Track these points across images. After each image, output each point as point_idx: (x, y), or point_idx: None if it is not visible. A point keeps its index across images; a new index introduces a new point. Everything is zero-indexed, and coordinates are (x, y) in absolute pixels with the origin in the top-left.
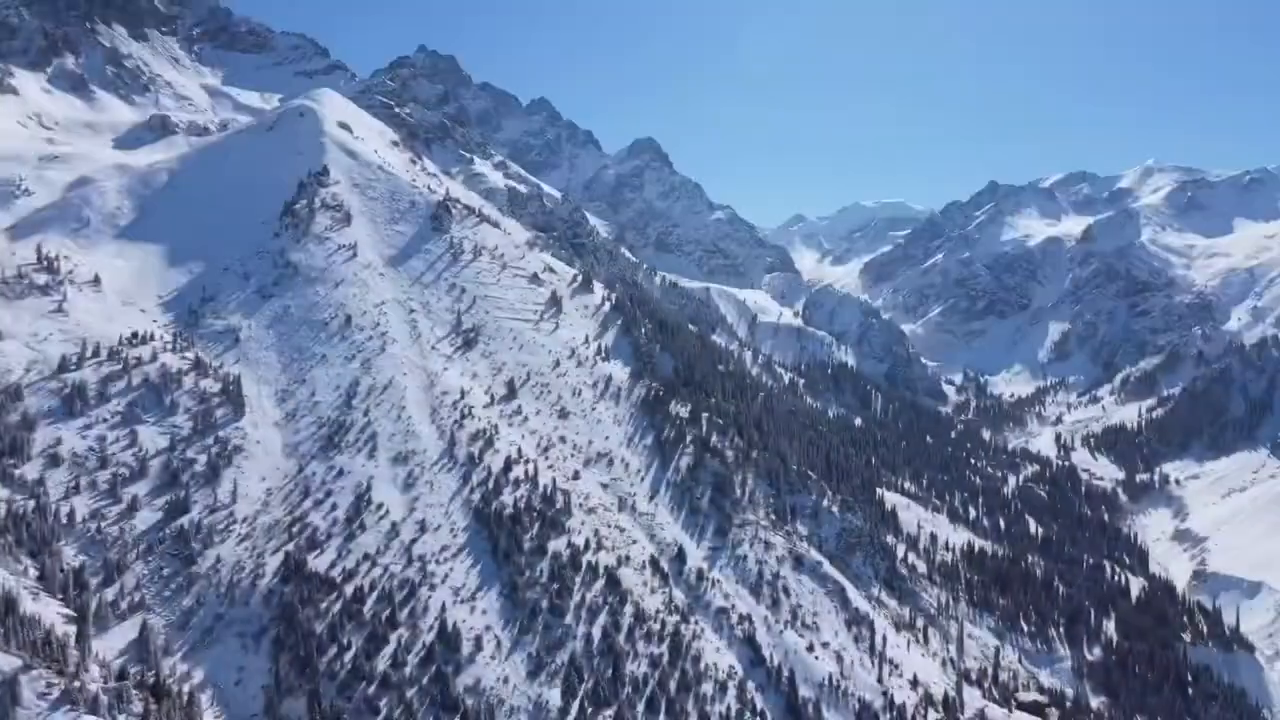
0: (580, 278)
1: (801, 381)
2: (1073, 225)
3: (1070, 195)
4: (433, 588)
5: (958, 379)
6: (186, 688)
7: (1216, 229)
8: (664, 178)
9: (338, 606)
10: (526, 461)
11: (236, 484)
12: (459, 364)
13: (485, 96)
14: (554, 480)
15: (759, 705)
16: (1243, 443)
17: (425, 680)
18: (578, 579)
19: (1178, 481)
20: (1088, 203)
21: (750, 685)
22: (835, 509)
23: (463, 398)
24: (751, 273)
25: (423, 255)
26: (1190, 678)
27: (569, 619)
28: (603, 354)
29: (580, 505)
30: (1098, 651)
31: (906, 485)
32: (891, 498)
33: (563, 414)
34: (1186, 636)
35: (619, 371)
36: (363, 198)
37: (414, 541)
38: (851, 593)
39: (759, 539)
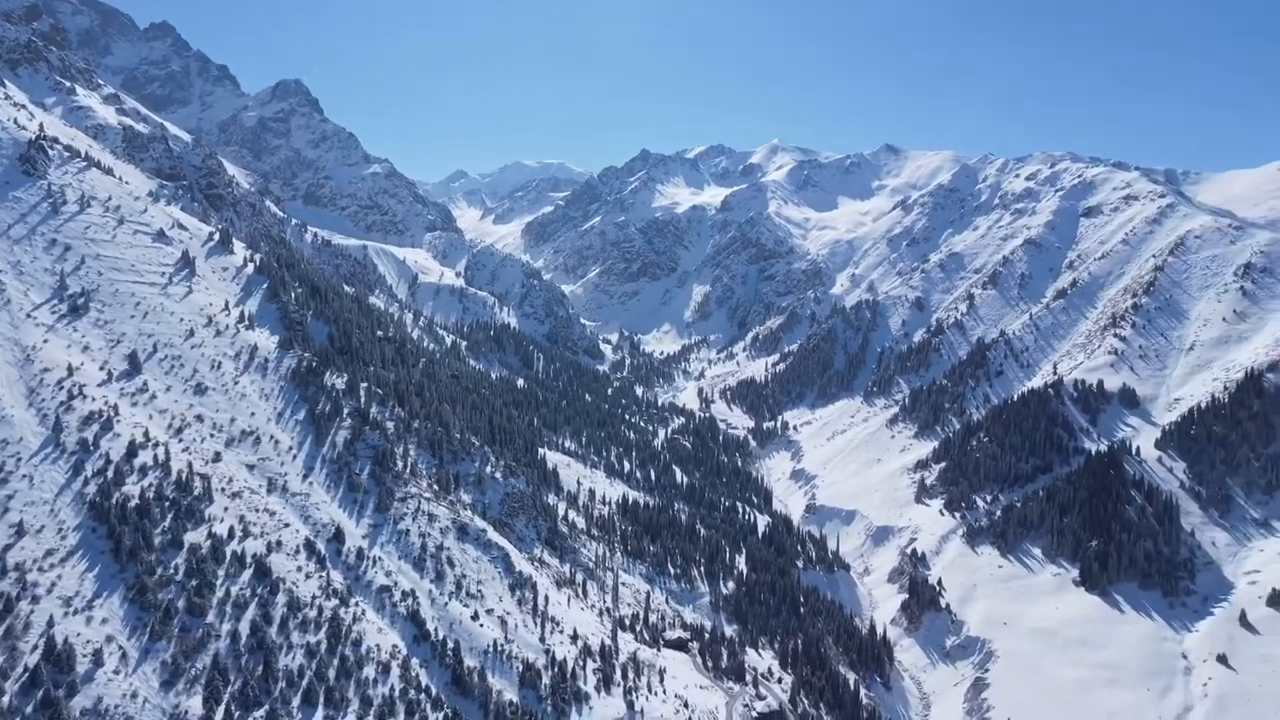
0: (217, 235)
1: (464, 344)
2: (714, 195)
3: (711, 167)
4: (35, 600)
5: (614, 338)
6: None
7: (826, 204)
8: (314, 125)
9: None
10: (155, 445)
11: None
12: (64, 335)
13: (90, 12)
14: (190, 464)
15: (424, 681)
16: (844, 392)
17: (30, 709)
18: (221, 571)
19: (795, 427)
20: (726, 175)
21: (415, 662)
22: (499, 474)
23: (70, 375)
24: (412, 230)
25: (10, 205)
26: (802, 599)
27: (211, 617)
28: (246, 322)
29: (222, 490)
30: (731, 585)
31: (567, 444)
32: (553, 457)
33: (199, 390)
34: (800, 563)
35: (265, 341)
36: None
37: (8, 549)
38: (515, 557)
39: (422, 511)
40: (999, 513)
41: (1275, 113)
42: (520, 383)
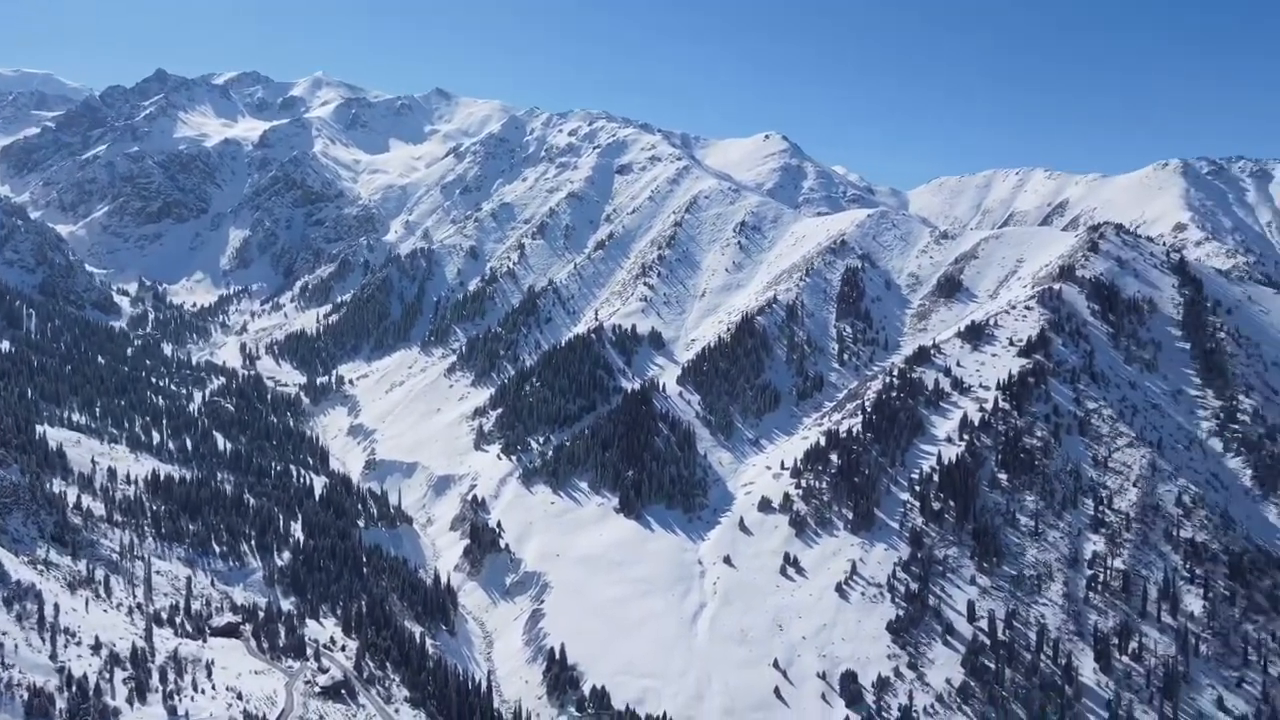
0: None
1: None
2: (249, 128)
3: (245, 97)
4: None
5: (133, 289)
6: None
7: (376, 147)
8: None
9: None
10: None
11: None
12: None
13: None
14: None
15: None
16: (401, 343)
17: None
18: None
19: (351, 381)
20: (263, 106)
21: None
22: None
23: None
24: None
25: None
26: (364, 559)
27: None
28: None
29: None
30: (287, 555)
31: (77, 417)
32: (58, 435)
33: None
34: (361, 523)
35: None
36: None
37: None
38: (10, 563)
39: None
40: (551, 452)
41: (759, 86)
42: (5, 346)
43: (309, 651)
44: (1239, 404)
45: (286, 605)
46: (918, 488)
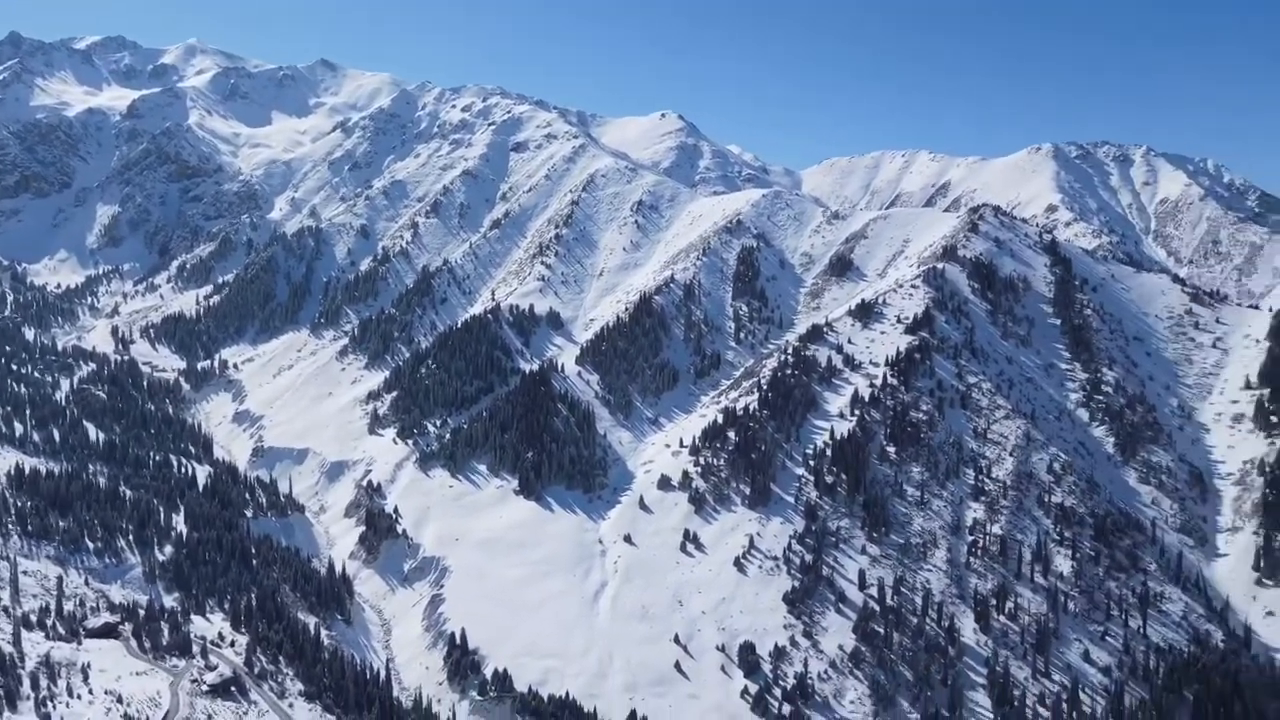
0: None
1: None
2: (116, 97)
3: (111, 64)
4: None
5: None
6: None
7: (258, 120)
8: None
9: None
10: None
11: None
12: None
13: None
14: None
15: None
16: (289, 325)
17: None
18: None
19: (236, 366)
20: (131, 74)
21: None
22: None
23: None
24: None
25: None
26: (254, 550)
27: None
28: None
29: None
30: (169, 550)
31: None
32: None
33: None
34: (249, 513)
35: None
36: None
37: None
38: None
39: None
40: (448, 436)
41: (654, 63)
42: None
43: (195, 649)
44: (1103, 376)
45: (169, 602)
46: (812, 462)
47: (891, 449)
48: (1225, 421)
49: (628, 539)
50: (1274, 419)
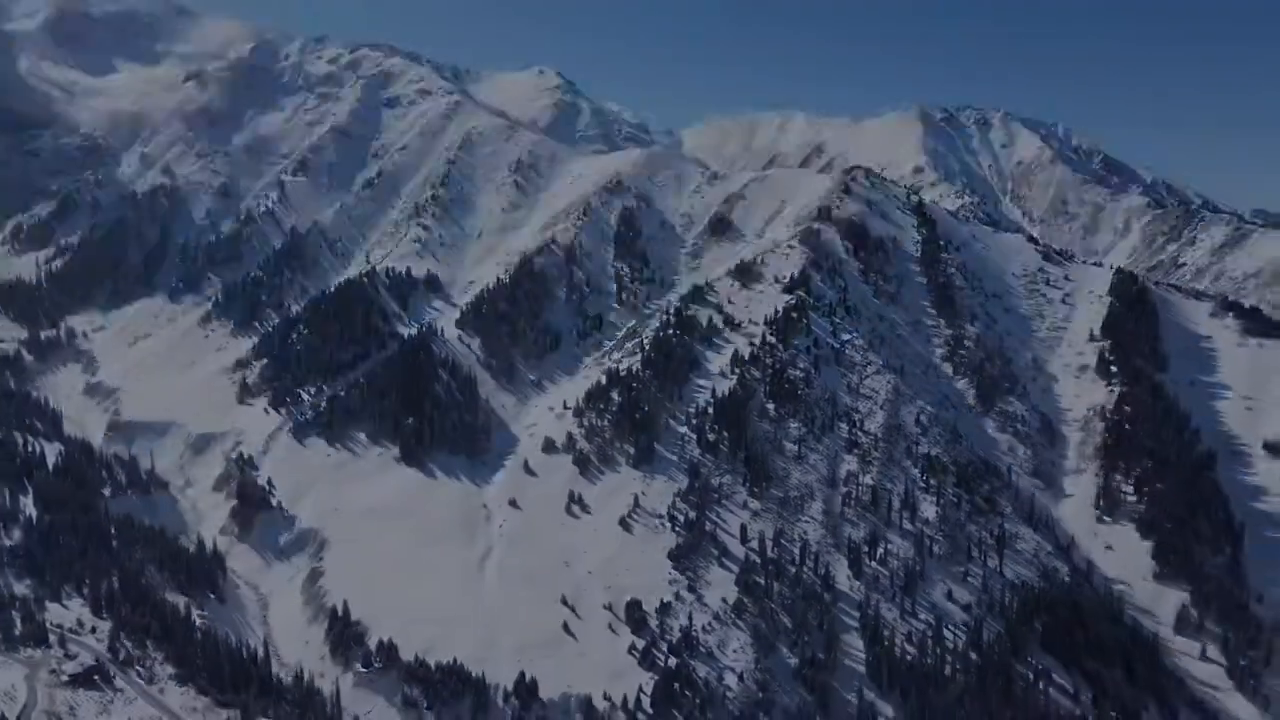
0: None
1: None
2: None
3: None
4: None
5: None
6: None
7: (100, 68)
8: None
9: None
10: None
11: None
12: None
13: None
14: None
15: None
16: (144, 291)
17: None
18: None
19: (85, 335)
20: None
21: None
22: None
23: None
24: None
25: None
26: (114, 530)
27: None
28: None
29: None
30: (18, 534)
31: None
32: None
33: None
34: (107, 491)
35: None
36: None
37: None
38: None
39: None
40: (324, 404)
41: (537, 16)
42: None
43: (52, 638)
44: (965, 331)
45: (21, 589)
46: (694, 421)
47: (771, 406)
48: (1072, 371)
49: (513, 503)
50: (1114, 369)
